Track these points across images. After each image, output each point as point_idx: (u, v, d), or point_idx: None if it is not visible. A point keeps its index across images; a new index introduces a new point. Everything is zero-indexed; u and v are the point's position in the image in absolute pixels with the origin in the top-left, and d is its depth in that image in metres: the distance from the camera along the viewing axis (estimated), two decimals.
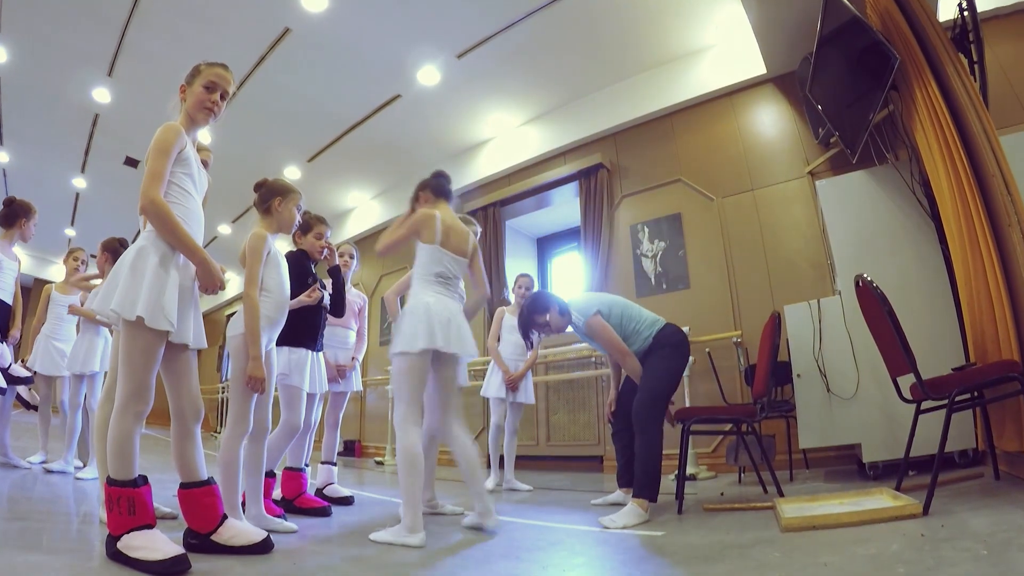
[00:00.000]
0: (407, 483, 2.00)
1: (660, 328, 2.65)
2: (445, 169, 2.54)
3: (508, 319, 3.75)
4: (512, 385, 3.63)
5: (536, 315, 2.74)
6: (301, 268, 2.65)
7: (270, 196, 2.20)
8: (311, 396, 2.71)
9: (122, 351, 1.60)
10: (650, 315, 2.73)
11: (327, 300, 2.76)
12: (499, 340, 3.78)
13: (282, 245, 2.32)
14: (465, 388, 2.73)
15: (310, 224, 2.77)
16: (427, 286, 2.25)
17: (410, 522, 1.94)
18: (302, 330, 2.56)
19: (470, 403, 5.11)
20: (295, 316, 2.40)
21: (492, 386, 3.69)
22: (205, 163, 2.14)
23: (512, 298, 3.92)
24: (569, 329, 2.79)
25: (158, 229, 1.67)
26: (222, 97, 1.85)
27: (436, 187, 2.45)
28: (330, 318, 3.10)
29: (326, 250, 2.77)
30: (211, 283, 1.76)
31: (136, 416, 1.58)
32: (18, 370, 3.54)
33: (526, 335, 2.82)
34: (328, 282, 2.82)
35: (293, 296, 2.37)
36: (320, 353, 2.74)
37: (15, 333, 3.50)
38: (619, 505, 2.56)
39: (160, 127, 1.72)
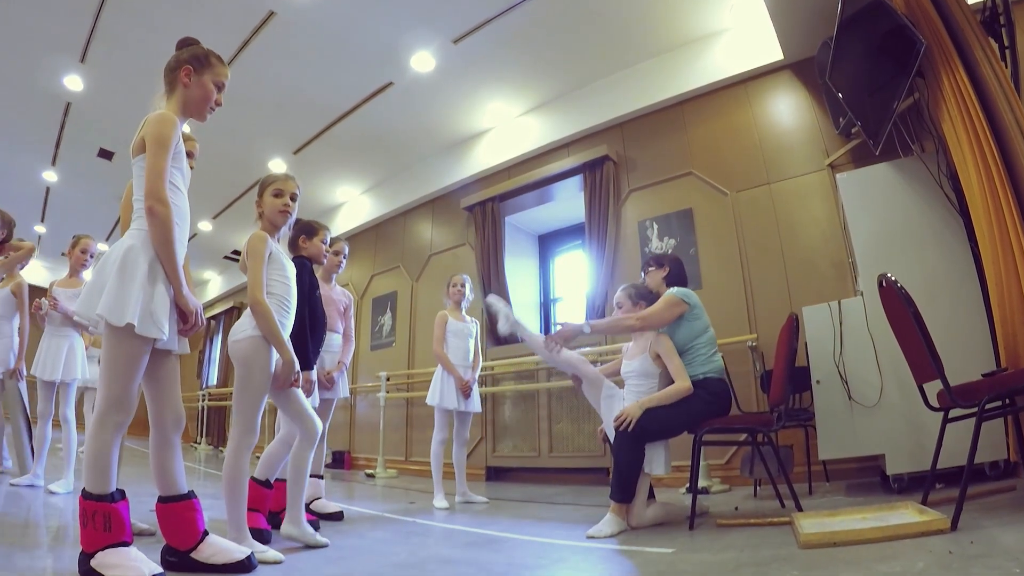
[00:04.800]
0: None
1: (714, 373, 2.68)
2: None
3: (453, 323, 3.73)
4: (467, 391, 3.63)
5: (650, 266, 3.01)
6: (302, 278, 2.62)
7: (257, 197, 2.25)
8: None
9: (104, 358, 1.60)
10: (715, 352, 2.74)
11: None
12: (446, 345, 3.70)
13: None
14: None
15: (314, 228, 2.77)
16: None
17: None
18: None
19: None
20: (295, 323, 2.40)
21: (445, 395, 3.59)
22: (191, 154, 2.15)
23: (449, 301, 3.83)
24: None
25: (153, 235, 1.65)
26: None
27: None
28: None
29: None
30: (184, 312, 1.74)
31: (116, 427, 1.58)
32: None
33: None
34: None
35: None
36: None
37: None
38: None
39: (155, 118, 1.71)
